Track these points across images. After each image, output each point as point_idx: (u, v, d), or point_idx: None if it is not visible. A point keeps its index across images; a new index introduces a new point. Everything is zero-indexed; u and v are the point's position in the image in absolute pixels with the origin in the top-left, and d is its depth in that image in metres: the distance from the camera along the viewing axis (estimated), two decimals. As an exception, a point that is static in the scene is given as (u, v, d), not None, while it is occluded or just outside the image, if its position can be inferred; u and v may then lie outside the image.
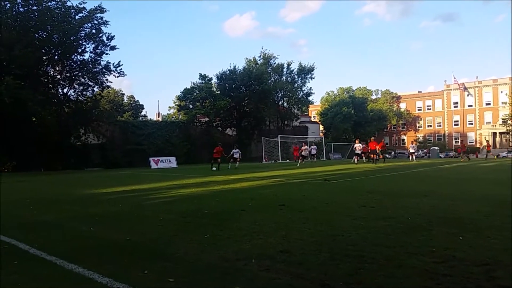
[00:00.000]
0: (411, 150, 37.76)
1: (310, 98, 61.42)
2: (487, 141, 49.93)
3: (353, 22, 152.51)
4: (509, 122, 66.90)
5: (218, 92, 50.71)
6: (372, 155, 25.47)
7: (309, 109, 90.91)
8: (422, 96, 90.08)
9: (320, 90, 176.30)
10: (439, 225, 5.90)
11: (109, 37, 34.93)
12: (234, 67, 51.59)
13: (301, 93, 59.12)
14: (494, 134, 75.07)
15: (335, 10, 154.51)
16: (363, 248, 4.67)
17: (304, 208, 7.80)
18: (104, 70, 35.53)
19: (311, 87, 61.05)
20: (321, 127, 77.44)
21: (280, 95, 57.26)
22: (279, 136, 45.42)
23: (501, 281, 3.48)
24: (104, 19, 33.78)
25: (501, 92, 76.28)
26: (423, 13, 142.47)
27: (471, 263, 3.99)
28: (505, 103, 71.74)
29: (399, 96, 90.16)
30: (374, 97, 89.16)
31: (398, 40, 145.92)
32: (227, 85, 50.33)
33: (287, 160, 42.91)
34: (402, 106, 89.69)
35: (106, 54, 35.58)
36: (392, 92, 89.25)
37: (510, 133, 68.00)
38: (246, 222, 6.49)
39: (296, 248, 4.72)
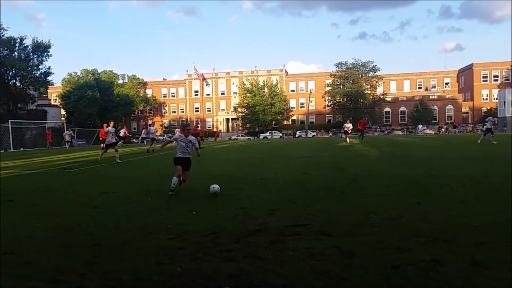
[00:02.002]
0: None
1: (50, 78, 55.18)
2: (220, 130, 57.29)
3: (100, 2, 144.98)
4: (239, 109, 78.19)
5: None
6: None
7: (48, 91, 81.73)
8: (167, 83, 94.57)
9: (62, 70, 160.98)
10: (177, 203, 6.34)
11: None
12: None
13: (38, 72, 52.24)
14: (228, 120, 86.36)
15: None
16: (101, 236, 4.53)
17: (37, 202, 6.97)
18: None
19: (50, 67, 54.44)
20: (63, 111, 70.92)
21: (11, 73, 48.92)
22: (10, 121, 38.99)
23: (224, 246, 3.99)
24: None
25: (233, 83, 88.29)
26: (168, 3, 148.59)
27: (201, 234, 4.44)
28: (236, 93, 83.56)
29: (146, 82, 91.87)
30: (120, 81, 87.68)
31: (145, 26, 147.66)
32: None
33: (21, 149, 37.47)
34: (149, 92, 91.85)
35: None
36: (138, 78, 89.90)
37: (240, 119, 79.61)
38: (-45, 226, 5.27)
39: (24, 247, 4.18)
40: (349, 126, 26.57)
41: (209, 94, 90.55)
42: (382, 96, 76.32)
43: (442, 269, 3.21)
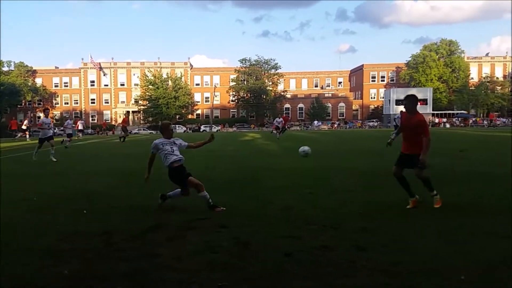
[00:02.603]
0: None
1: None
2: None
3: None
4: (140, 102, 75.21)
5: None
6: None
7: None
8: (59, 72, 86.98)
9: None
10: (66, 201, 5.90)
11: None
12: None
13: None
14: (128, 112, 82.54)
15: None
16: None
17: None
18: None
19: None
20: None
21: None
22: None
23: (118, 245, 3.81)
24: None
25: (134, 74, 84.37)
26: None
27: (93, 234, 4.20)
28: (137, 85, 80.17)
29: (35, 70, 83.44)
30: (6, 69, 78.53)
31: (36, 9, 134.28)
32: None
33: None
34: (38, 81, 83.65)
35: None
36: (27, 66, 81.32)
37: (141, 112, 76.67)
38: None
39: None
40: (280, 120, 26.59)
41: (107, 85, 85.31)
42: (282, 93, 79.44)
43: (330, 254, 3.46)
